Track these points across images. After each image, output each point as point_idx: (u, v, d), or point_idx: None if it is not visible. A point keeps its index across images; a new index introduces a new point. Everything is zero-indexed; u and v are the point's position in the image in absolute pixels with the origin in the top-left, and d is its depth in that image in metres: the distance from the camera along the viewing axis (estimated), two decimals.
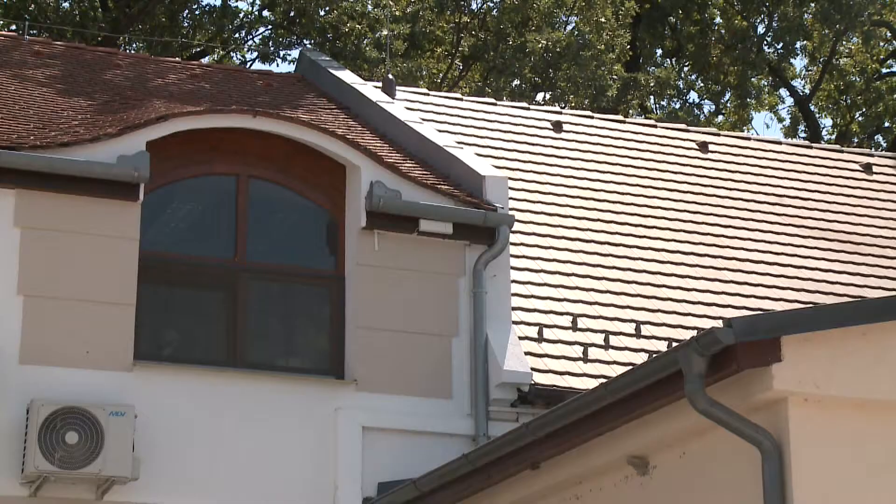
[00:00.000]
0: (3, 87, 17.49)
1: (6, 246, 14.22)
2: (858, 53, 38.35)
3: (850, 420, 10.09)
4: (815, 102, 38.63)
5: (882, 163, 23.43)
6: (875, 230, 20.53)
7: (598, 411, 11.32)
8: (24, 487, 13.62)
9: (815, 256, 19.34)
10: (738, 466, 10.22)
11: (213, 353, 14.92)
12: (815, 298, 17.71)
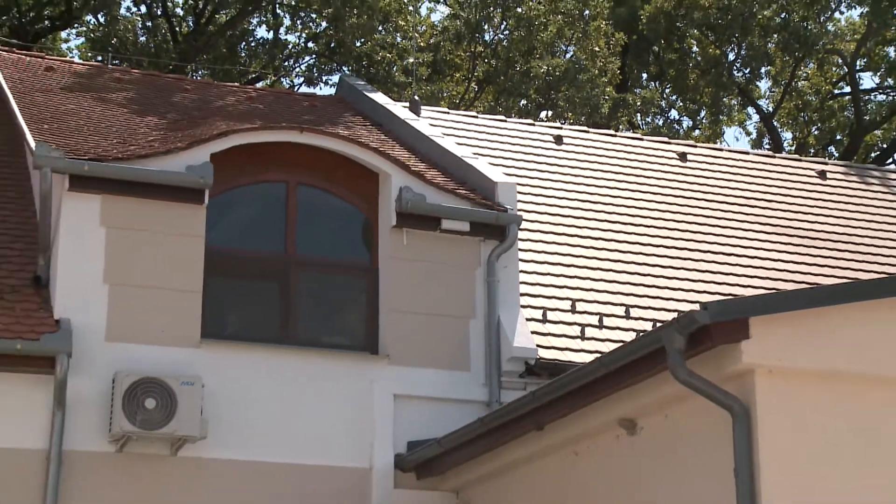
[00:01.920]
0: (89, 109, 17.58)
1: (94, 242, 14.30)
2: (814, 77, 38.26)
3: (808, 388, 10.14)
4: (778, 118, 38.53)
5: (834, 170, 23.43)
6: (828, 227, 20.56)
7: (593, 381, 11.36)
8: (111, 445, 13.69)
9: (778, 250, 19.36)
10: (713, 428, 10.25)
11: (267, 332, 14.91)
12: (777, 285, 17.73)
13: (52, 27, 32.04)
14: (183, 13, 32.26)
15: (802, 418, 10.04)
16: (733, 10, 34.60)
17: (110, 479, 13.71)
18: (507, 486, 13.62)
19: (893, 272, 18.00)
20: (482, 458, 13.55)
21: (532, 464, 13.09)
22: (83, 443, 13.70)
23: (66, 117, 16.75)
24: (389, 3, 30.70)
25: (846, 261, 19.40)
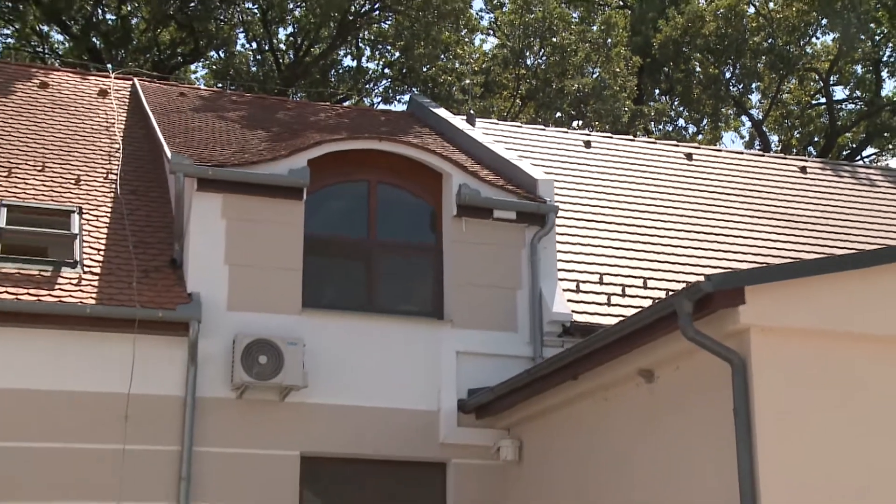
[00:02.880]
0: (212, 125, 17.71)
1: (216, 231, 14.40)
2: (795, 91, 38.00)
3: (795, 343, 10.09)
4: (766, 125, 38.26)
5: (813, 166, 23.27)
6: (808, 212, 20.42)
7: (617, 339, 11.35)
8: (232, 393, 13.81)
9: (767, 231, 19.25)
10: (716, 376, 10.22)
11: (354, 302, 14.93)
12: (766, 260, 17.64)
13: (184, 61, 32.25)
14: (285, 47, 32.36)
15: (790, 368, 10.01)
16: (729, 37, 34.42)
17: (232, 419, 13.82)
18: (549, 424, 13.62)
19: (862, 248, 17.82)
20: (528, 402, 13.57)
21: (569, 407, 13.08)
22: (211, 391, 13.82)
23: (194, 132, 16.87)
24: (449, 35, 30.71)
25: (823, 239, 19.27)
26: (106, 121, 18.79)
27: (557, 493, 13.33)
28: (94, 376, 13.49)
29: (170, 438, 13.52)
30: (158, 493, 13.37)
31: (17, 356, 13.33)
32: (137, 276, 14.25)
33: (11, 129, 17.78)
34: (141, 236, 15.24)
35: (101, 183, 16.55)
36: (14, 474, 12.98)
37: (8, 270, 13.81)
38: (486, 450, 14.44)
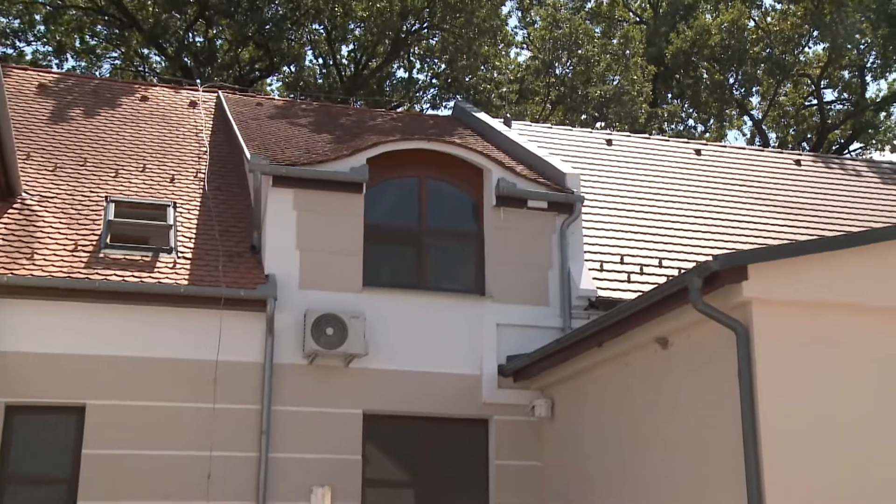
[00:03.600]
0: (284, 130, 17.75)
1: (289, 221, 14.43)
2: (791, 93, 37.65)
3: (791, 313, 10.03)
4: (765, 123, 37.92)
5: (806, 159, 23.01)
6: (803, 200, 20.22)
7: (636, 312, 11.30)
8: (304, 359, 13.87)
9: (766, 216, 19.06)
10: (722, 343, 10.18)
11: (407, 281, 14.90)
12: (766, 241, 17.47)
13: (261, 76, 32.38)
14: (347, 62, 32.40)
15: (787, 335, 9.95)
16: (732, 48, 34.32)
17: (304, 382, 13.88)
18: (577, 385, 13.58)
19: (850, 230, 17.63)
20: (559, 367, 13.53)
21: (594, 370, 13.04)
22: (285, 358, 13.89)
23: (269, 136, 16.91)
24: (488, 49, 30.65)
25: (815, 223, 19.07)
26: (195, 128, 18.88)
27: (585, 444, 13.30)
28: (188, 346, 13.60)
29: (251, 398, 13.62)
30: (243, 444, 13.47)
31: (124, 328, 13.48)
32: (223, 261, 14.32)
33: (118, 137, 17.93)
34: (225, 226, 15.32)
35: (191, 181, 16.65)
36: (125, 428, 13.17)
37: (116, 256, 13.97)
38: (523, 408, 14.42)
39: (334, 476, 13.62)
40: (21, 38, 30.89)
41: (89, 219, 14.86)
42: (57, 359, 13.17)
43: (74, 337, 13.30)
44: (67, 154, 16.82)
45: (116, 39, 31.99)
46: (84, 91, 19.98)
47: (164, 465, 13.15)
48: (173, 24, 30.97)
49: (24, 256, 13.64)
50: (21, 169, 15.29)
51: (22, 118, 17.67)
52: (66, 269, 13.53)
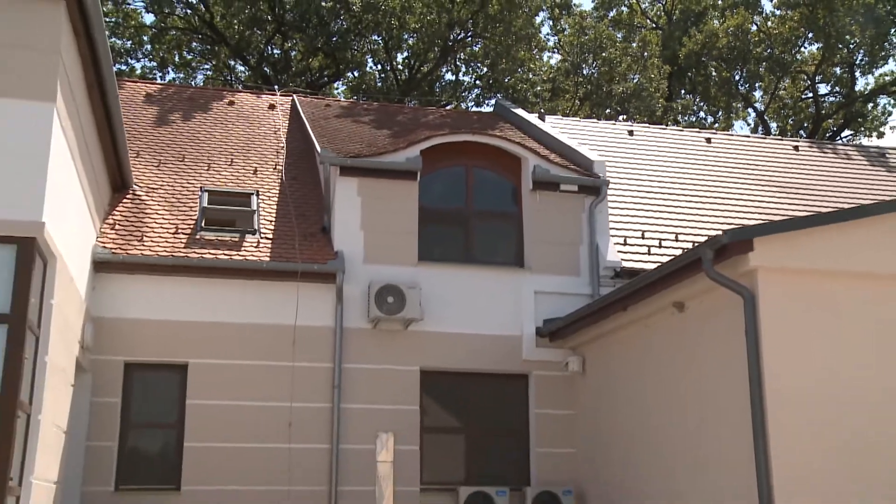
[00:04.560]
0: (349, 127, 17.74)
1: (354, 206, 14.41)
2: (789, 88, 37.06)
3: (792, 279, 9.96)
4: (767, 114, 37.34)
5: (804, 146, 22.60)
6: (801, 181, 19.89)
7: (656, 280, 11.25)
8: (369, 324, 13.89)
9: (768, 196, 18.76)
10: (731, 306, 10.13)
11: (457, 256, 14.82)
12: (769, 218, 17.20)
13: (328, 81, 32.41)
14: (402, 67, 32.33)
15: (788, 298, 9.89)
16: (737, 49, 33.96)
17: (369, 343, 13.89)
18: (605, 344, 13.49)
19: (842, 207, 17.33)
20: (589, 328, 13.45)
21: (620, 331, 12.95)
22: (353, 322, 13.92)
23: (336, 132, 16.91)
24: (524, 54, 30.46)
25: (812, 201, 18.75)
26: (274, 127, 18.93)
27: (613, 395, 13.23)
28: (271, 313, 13.67)
29: (325, 357, 13.67)
30: (318, 396, 13.55)
31: (217, 298, 13.60)
32: (298, 240, 14.36)
33: (210, 136, 18.02)
34: (300, 210, 15.35)
35: (271, 172, 16.69)
36: (220, 382, 13.32)
37: (209, 237, 14.08)
38: (558, 364, 14.36)
39: (396, 423, 13.66)
40: (132, 55, 31.33)
41: (187, 206, 14.97)
42: (163, 324, 13.32)
43: (177, 306, 13.43)
44: (169, 152, 16.94)
45: (208, 54, 32.25)
46: (182, 98, 20.11)
47: (253, 413, 13.27)
48: (255, 39, 31.14)
49: (135, 238, 13.80)
50: (132, 165, 15.43)
51: (132, 123, 17.81)
52: (170, 249, 13.66)
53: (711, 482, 10.54)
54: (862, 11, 32.14)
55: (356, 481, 13.31)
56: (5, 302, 8.79)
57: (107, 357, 13.06)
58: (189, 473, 12.93)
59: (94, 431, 12.84)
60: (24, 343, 8.81)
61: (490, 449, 14.15)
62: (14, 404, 8.64)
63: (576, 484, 13.89)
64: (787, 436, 9.50)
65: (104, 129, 12.31)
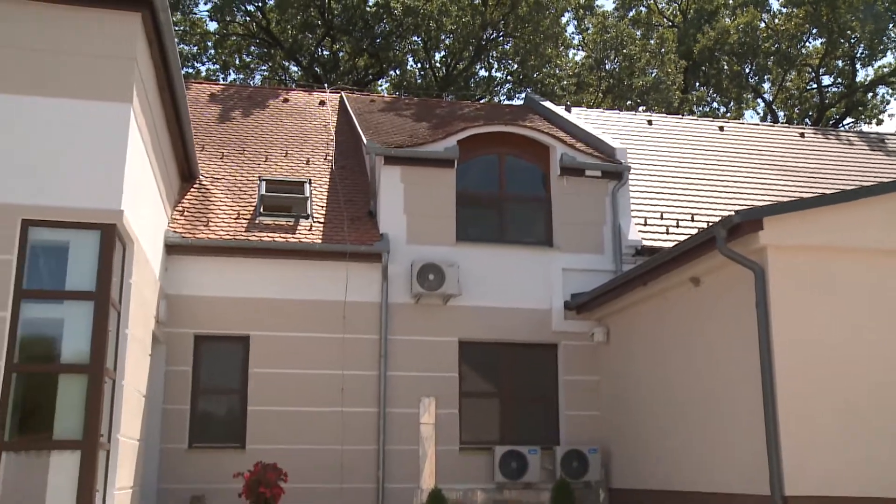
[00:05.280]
0: (391, 120, 17.70)
1: (397, 191, 14.41)
2: (795, 80, 36.46)
3: (800, 256, 9.85)
4: (775, 104, 36.79)
5: (809, 132, 22.26)
6: (806, 165, 19.60)
7: (674, 257, 11.17)
8: (412, 299, 13.92)
9: (777, 179, 18.51)
10: (743, 281, 10.04)
11: (491, 236, 14.79)
12: (778, 199, 16.94)
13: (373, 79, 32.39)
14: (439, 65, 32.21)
15: (795, 272, 9.79)
16: (747, 44, 33.51)
17: (412, 317, 13.92)
18: (628, 316, 13.44)
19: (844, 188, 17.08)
20: (613, 302, 13.41)
21: (642, 304, 12.89)
22: (397, 298, 13.95)
23: (381, 125, 16.90)
24: (551, 51, 30.23)
25: (817, 183, 18.48)
26: (324, 121, 18.97)
27: (634, 362, 13.19)
28: (323, 290, 13.74)
29: (372, 329, 13.73)
30: (366, 365, 13.62)
31: (275, 277, 13.69)
32: (347, 223, 14.41)
33: (267, 131, 18.09)
34: (348, 196, 15.39)
35: (322, 162, 16.75)
36: (279, 352, 13.43)
37: (267, 222, 14.17)
38: (585, 335, 14.33)
39: (437, 389, 13.71)
40: (198, 59, 31.60)
41: (247, 194, 15.07)
42: (228, 300, 13.45)
43: (239, 284, 13.55)
44: (230, 145, 17.05)
45: (265, 56, 32.39)
46: (242, 97, 20.21)
47: (309, 380, 13.38)
48: (306, 43, 31.24)
49: (201, 223, 13.92)
50: (198, 158, 15.56)
51: (198, 120, 17.95)
52: (232, 233, 13.77)
53: (725, 440, 10.50)
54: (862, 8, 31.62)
55: (401, 441, 13.40)
56: (91, 281, 8.93)
57: (179, 330, 13.23)
58: (252, 433, 13.08)
59: (170, 396, 13.04)
60: (108, 318, 8.96)
61: (522, 412, 14.17)
62: (101, 371, 8.80)
63: (601, 443, 13.89)
64: (794, 396, 9.45)
65: (174, 126, 12.43)
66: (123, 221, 9.18)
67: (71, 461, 8.50)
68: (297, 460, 12.80)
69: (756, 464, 9.67)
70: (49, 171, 8.91)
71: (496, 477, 13.43)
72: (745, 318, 9.97)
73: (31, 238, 8.78)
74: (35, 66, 9.16)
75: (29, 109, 9.02)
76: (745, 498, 9.94)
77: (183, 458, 12.85)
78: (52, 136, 9.00)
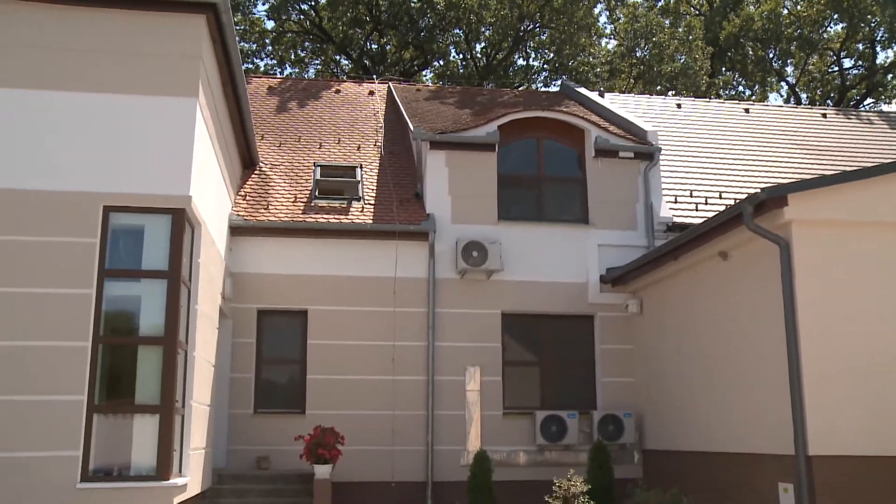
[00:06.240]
0: (436, 108, 17.63)
1: (442, 174, 14.38)
2: (817, 63, 35.65)
3: (823, 230, 9.74)
4: (798, 87, 36.01)
5: (831, 113, 21.76)
6: (828, 143, 19.18)
7: (704, 232, 11.06)
8: (457, 275, 13.92)
9: (800, 157, 18.14)
10: (769, 254, 9.93)
11: (530, 214, 14.70)
12: (801, 176, 16.61)
13: (418, 69, 32.32)
14: (480, 56, 32.02)
15: (818, 246, 9.68)
16: (771, 30, 32.83)
17: (457, 291, 13.91)
18: (660, 288, 13.34)
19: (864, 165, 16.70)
20: (646, 275, 13.31)
21: (673, 277, 12.79)
22: (443, 274, 13.97)
23: (426, 113, 16.86)
24: (585, 41, 29.91)
25: (839, 161, 18.09)
26: (373, 110, 19.00)
27: (666, 332, 13.10)
28: (374, 267, 13.82)
29: (420, 303, 13.77)
30: (415, 336, 13.69)
31: (330, 255, 13.79)
32: (396, 205, 14.44)
33: (320, 119, 18.17)
34: (396, 179, 15.42)
35: (372, 148, 16.79)
36: (334, 325, 13.54)
37: (322, 205, 14.27)
38: (619, 306, 14.25)
39: (481, 358, 13.76)
40: (257, 55, 31.87)
41: (303, 178, 15.18)
42: (287, 278, 13.60)
43: (297, 262, 13.68)
44: (287, 134, 17.17)
45: (318, 51, 32.54)
46: (298, 89, 20.32)
47: (362, 351, 13.50)
48: (356, 37, 31.30)
49: (261, 207, 14.07)
50: (258, 146, 15.70)
51: (258, 111, 18.09)
52: (290, 215, 13.90)
53: (752, 404, 10.41)
54: None
55: (448, 406, 13.49)
56: (164, 261, 9.11)
57: (243, 305, 13.42)
58: (312, 400, 13.25)
59: (236, 365, 13.25)
60: (179, 294, 9.13)
61: (561, 379, 14.16)
62: (175, 343, 8.99)
63: (635, 408, 13.84)
64: (818, 360, 9.37)
65: (236, 118, 12.56)
66: (192, 206, 9.32)
67: (151, 423, 8.73)
68: (352, 424, 12.95)
69: (781, 425, 9.59)
70: (126, 162, 9.10)
71: (537, 439, 13.46)
72: (771, 290, 9.86)
73: (112, 222, 8.99)
74: (112, 66, 9.36)
75: (108, 106, 9.22)
76: (771, 458, 9.87)
77: (249, 422, 13.08)
78: (128, 130, 9.19)
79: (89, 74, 9.28)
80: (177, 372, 9.02)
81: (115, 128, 9.16)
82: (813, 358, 9.35)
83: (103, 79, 9.28)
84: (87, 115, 9.16)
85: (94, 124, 9.15)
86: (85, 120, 9.15)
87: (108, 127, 9.15)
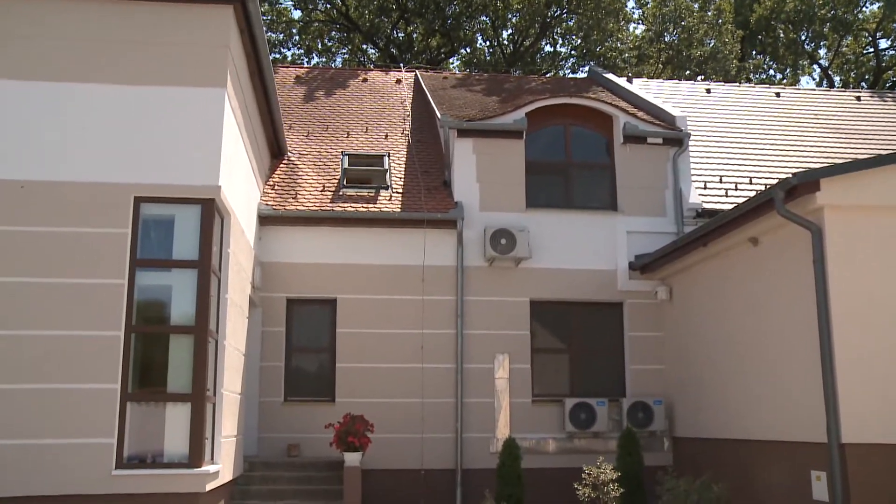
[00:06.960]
0: (463, 95, 17.61)
1: (470, 162, 14.38)
2: (852, 44, 35.03)
3: (854, 215, 9.61)
4: (831, 69, 35.42)
5: (865, 97, 21.39)
6: (862, 127, 18.89)
7: (734, 218, 10.97)
8: (485, 262, 13.93)
9: (833, 141, 17.89)
10: (801, 240, 9.83)
11: (558, 201, 14.66)
12: (834, 161, 16.40)
13: (445, 57, 32.26)
14: (507, 42, 31.89)
15: (851, 231, 9.55)
16: (803, 11, 32.31)
17: (486, 278, 13.90)
18: (690, 275, 13.25)
19: None
20: (675, 262, 13.22)
21: (702, 264, 12.69)
22: (472, 261, 13.97)
23: (453, 101, 16.85)
24: (613, 26, 29.70)
25: (873, 145, 17.80)
26: (401, 98, 19.01)
27: (695, 319, 13.02)
28: (403, 255, 13.86)
29: (449, 291, 13.80)
30: (444, 324, 13.73)
31: (358, 244, 13.85)
32: (424, 193, 14.47)
33: (348, 108, 18.23)
34: (424, 168, 15.43)
35: (399, 136, 16.82)
36: (363, 313, 13.61)
37: (350, 193, 14.31)
38: (648, 293, 14.18)
39: (510, 346, 13.77)
40: (284, 45, 32.01)
41: (331, 167, 15.24)
42: (316, 266, 13.69)
43: (326, 251, 13.76)
44: (315, 123, 17.25)
45: (344, 40, 32.58)
46: (325, 78, 20.38)
47: (391, 338, 13.56)
48: (382, 26, 31.30)
49: (290, 196, 14.16)
50: (286, 136, 15.79)
51: (285, 101, 18.19)
52: (318, 204, 13.98)
53: (783, 391, 10.32)
54: None
55: (477, 394, 13.53)
56: (194, 251, 9.22)
57: (272, 294, 13.54)
58: (341, 388, 13.36)
59: (266, 354, 13.38)
60: (209, 283, 9.23)
61: (590, 366, 14.14)
62: (206, 332, 9.10)
63: (664, 395, 13.79)
64: (851, 346, 9.28)
65: (263, 108, 12.64)
66: (221, 196, 9.41)
67: (183, 411, 8.86)
68: (382, 412, 13.05)
69: (813, 413, 9.50)
70: (156, 153, 9.21)
71: (566, 427, 13.46)
72: (803, 276, 9.76)
73: (143, 213, 9.12)
74: (141, 58, 9.47)
75: (137, 97, 9.34)
76: (803, 446, 9.79)
77: (279, 411, 13.21)
78: (157, 121, 9.29)
79: (119, 66, 9.39)
80: (207, 360, 9.13)
81: (144, 119, 9.27)
82: (846, 345, 9.24)
83: (133, 70, 9.39)
84: (117, 107, 9.27)
85: (124, 115, 9.26)
86: (115, 111, 9.26)
87: (138, 118, 9.27)
